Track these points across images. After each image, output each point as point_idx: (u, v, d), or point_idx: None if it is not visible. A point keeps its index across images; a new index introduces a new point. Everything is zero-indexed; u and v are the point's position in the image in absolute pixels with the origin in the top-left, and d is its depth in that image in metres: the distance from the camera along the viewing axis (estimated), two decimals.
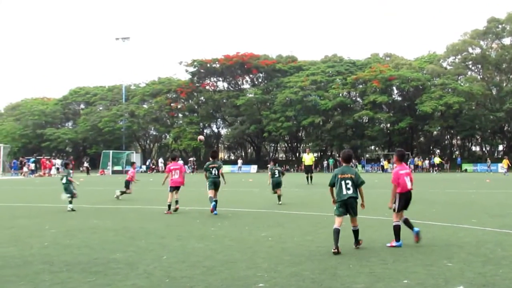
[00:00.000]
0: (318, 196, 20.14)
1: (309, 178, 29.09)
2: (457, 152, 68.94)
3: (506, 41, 62.78)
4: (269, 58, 71.32)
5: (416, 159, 60.08)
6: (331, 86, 64.57)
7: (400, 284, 5.85)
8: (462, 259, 7.07)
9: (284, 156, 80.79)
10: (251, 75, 72.79)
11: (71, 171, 15.86)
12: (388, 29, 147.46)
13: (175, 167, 14.30)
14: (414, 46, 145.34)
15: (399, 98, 67.11)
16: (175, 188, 14.11)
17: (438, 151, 67.97)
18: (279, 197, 16.14)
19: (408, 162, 54.00)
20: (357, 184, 8.02)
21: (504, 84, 63.34)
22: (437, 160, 55.63)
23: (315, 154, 70.00)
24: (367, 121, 66.07)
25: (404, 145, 62.68)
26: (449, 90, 59.14)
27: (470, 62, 64.31)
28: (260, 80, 74.26)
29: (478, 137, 67.08)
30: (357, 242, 8.09)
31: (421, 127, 63.68)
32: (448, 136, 69.70)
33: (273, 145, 78.61)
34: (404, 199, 8.31)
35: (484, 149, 67.66)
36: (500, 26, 61.31)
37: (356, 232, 8.06)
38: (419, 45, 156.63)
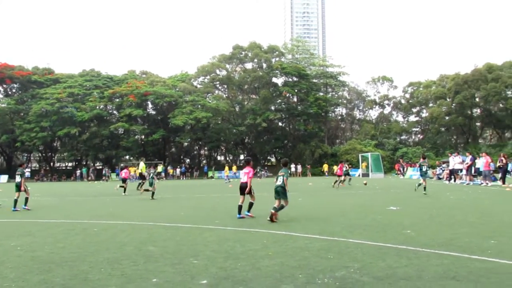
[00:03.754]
0: (72, 204, 19.04)
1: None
2: (204, 161, 72.63)
3: (248, 65, 68.85)
4: (25, 69, 65.91)
5: (168, 167, 61.51)
6: (88, 99, 62.86)
7: (150, 283, 5.79)
8: (206, 256, 7.31)
9: (37, 165, 75.39)
10: (4, 85, 66.44)
11: None
12: (145, 48, 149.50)
13: None
14: (169, 65, 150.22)
15: (154, 112, 68.17)
16: None
17: (188, 160, 70.87)
18: None
19: (162, 170, 55.42)
20: (284, 177, 11.93)
21: (246, 103, 69.26)
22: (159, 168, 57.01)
23: (70, 164, 66.88)
24: (122, 132, 65.57)
25: (157, 155, 63.97)
26: (199, 106, 62.20)
27: (218, 82, 68.71)
28: (14, 90, 68.06)
29: (223, 148, 71.90)
30: (274, 215, 11.47)
31: (173, 139, 65.91)
32: (197, 147, 73.08)
33: (26, 155, 72.49)
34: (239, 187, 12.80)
35: (227, 158, 72.63)
36: (243, 52, 66.93)
37: (278, 208, 11.64)
38: (173, 65, 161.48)
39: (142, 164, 31.06)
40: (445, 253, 7.17)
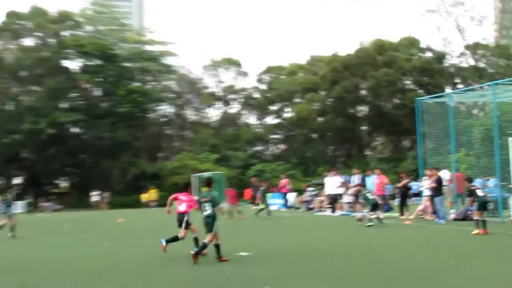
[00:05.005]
0: None
1: None
2: None
3: (28, 42, 66.15)
4: None
5: None
6: None
7: None
8: None
9: None
10: None
11: None
12: None
13: None
14: None
15: None
16: None
17: None
18: None
19: None
20: (215, 205, 12.95)
21: (23, 98, 66.28)
22: None
23: None
24: None
25: None
26: None
27: None
28: None
29: None
30: (218, 256, 12.65)
31: None
32: None
33: None
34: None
35: None
36: (21, 22, 64.42)
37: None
38: None
39: None
40: None
